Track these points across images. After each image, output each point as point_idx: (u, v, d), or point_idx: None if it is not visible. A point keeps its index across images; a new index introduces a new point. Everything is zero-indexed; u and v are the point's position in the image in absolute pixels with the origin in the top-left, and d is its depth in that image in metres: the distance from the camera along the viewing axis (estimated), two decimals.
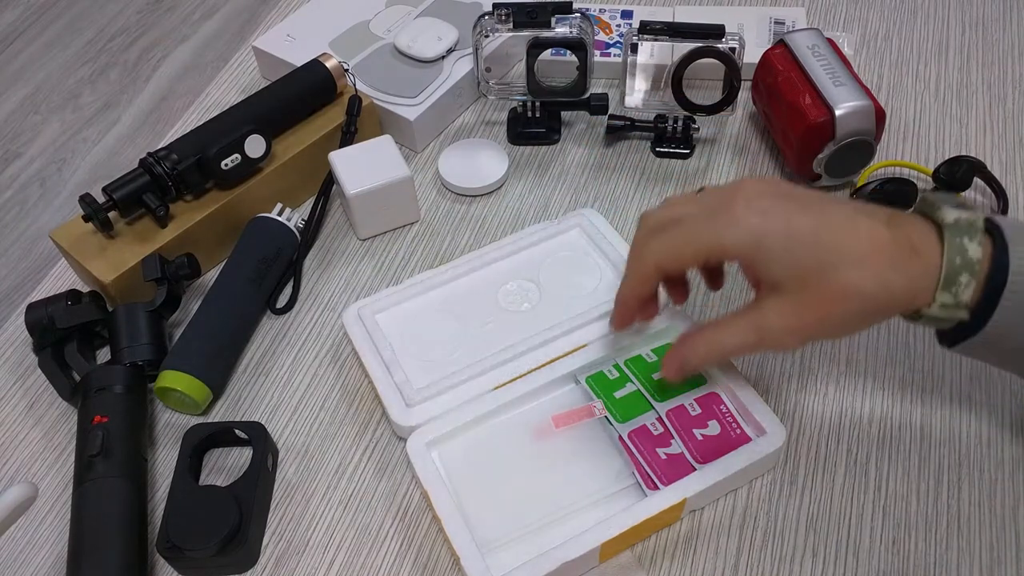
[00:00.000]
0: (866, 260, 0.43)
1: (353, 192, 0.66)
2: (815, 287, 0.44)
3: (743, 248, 0.45)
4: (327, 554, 0.53)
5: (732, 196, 0.45)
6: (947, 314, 0.44)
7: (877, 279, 0.43)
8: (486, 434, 0.55)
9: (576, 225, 0.65)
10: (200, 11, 1.97)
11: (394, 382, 0.57)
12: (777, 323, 0.46)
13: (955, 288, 0.43)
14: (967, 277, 0.43)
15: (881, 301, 0.44)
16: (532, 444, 0.54)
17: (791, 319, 0.45)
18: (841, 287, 0.44)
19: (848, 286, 0.44)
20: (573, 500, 0.52)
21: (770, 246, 0.44)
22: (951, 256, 0.43)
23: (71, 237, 0.65)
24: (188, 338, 0.61)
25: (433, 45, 0.76)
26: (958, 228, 0.43)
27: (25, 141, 1.72)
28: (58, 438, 0.60)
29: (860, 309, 0.44)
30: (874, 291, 0.44)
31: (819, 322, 0.45)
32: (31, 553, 0.55)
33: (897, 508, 0.53)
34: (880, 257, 0.43)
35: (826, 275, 0.44)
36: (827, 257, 0.44)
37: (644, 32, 0.69)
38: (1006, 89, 0.77)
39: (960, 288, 0.43)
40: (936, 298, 0.43)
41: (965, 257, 0.43)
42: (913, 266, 0.43)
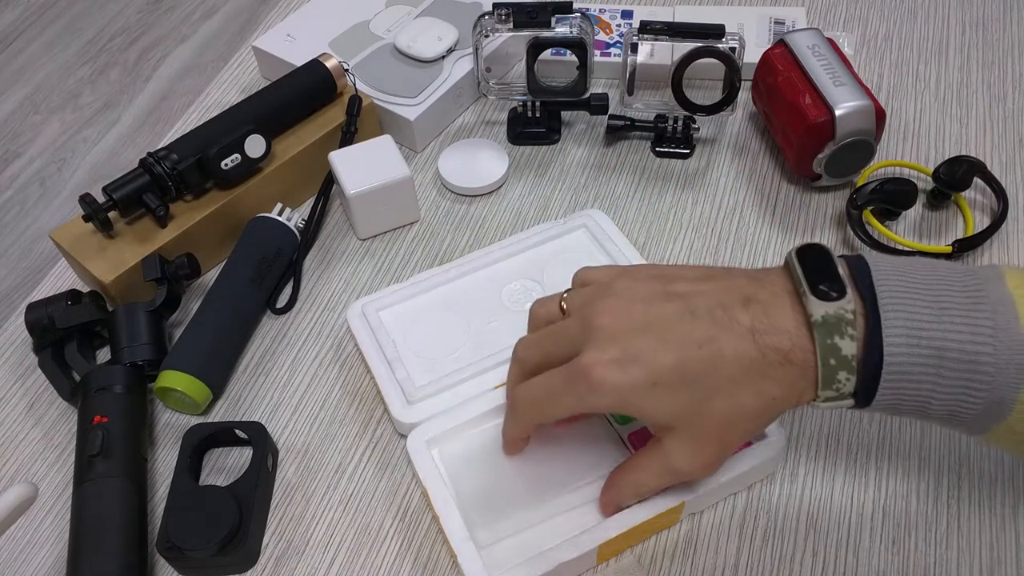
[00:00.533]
0: (740, 383, 0.42)
1: (353, 192, 0.66)
2: (702, 421, 0.44)
3: (612, 408, 0.44)
4: (327, 554, 0.53)
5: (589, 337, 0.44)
6: (832, 405, 0.43)
7: (757, 395, 0.43)
8: (486, 433, 0.55)
9: (582, 225, 0.65)
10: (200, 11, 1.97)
11: (396, 379, 0.57)
12: (685, 465, 0.46)
13: (835, 385, 0.42)
14: (845, 375, 0.41)
15: (768, 410, 0.43)
16: (532, 443, 0.54)
17: (696, 458, 0.46)
18: (725, 414, 0.43)
19: (730, 411, 0.43)
20: (573, 501, 0.52)
21: (640, 399, 0.43)
22: (825, 358, 0.41)
23: (71, 237, 0.65)
24: (188, 338, 0.61)
25: (433, 45, 0.76)
26: (827, 327, 0.41)
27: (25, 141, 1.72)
28: (58, 438, 0.60)
29: (753, 424, 0.44)
30: (760, 407, 0.43)
31: (722, 449, 0.46)
32: (31, 553, 0.55)
33: (897, 508, 0.53)
34: (754, 376, 0.42)
35: (707, 407, 0.43)
36: (700, 393, 0.43)
37: (644, 32, 0.69)
38: (1006, 89, 0.77)
39: (841, 384, 0.42)
40: (819, 395, 0.42)
41: (839, 357, 0.41)
42: (789, 374, 0.42)
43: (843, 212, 0.68)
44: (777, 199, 0.70)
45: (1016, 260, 0.65)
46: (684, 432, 0.45)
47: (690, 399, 0.43)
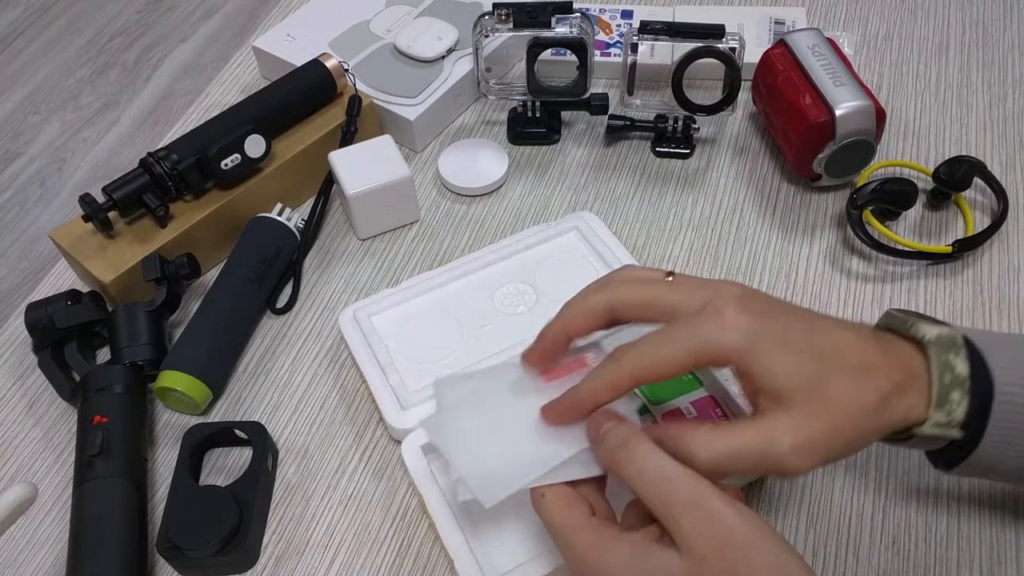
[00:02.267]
0: (865, 373, 0.41)
1: (353, 192, 0.66)
2: (820, 397, 0.40)
3: (736, 350, 0.40)
4: (327, 554, 0.53)
5: (717, 292, 0.41)
6: (940, 432, 0.42)
7: (878, 392, 0.40)
8: None
9: (573, 228, 0.65)
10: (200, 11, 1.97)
11: (389, 385, 0.57)
12: (788, 440, 0.39)
13: (948, 406, 0.41)
14: (959, 394, 0.41)
15: (881, 417, 0.41)
16: None
17: (800, 434, 0.39)
18: (846, 397, 0.40)
19: (850, 396, 0.40)
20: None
21: (767, 351, 0.40)
22: (940, 374, 0.41)
23: (71, 237, 0.65)
24: (188, 338, 0.61)
25: (433, 45, 0.76)
26: (941, 344, 0.41)
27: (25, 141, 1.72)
28: (58, 438, 0.60)
29: (871, 421, 0.40)
30: (878, 403, 0.40)
31: (828, 437, 0.40)
32: (31, 553, 0.55)
33: (897, 508, 0.53)
34: (877, 371, 0.41)
35: (828, 385, 0.40)
36: (826, 366, 0.40)
37: (644, 32, 0.69)
38: (1006, 89, 0.77)
39: (953, 406, 0.41)
40: (930, 416, 0.41)
41: (954, 374, 0.41)
42: (907, 383, 0.41)
43: (843, 212, 0.68)
44: (777, 199, 0.70)
45: (1016, 260, 0.65)
46: (796, 405, 0.39)
47: (814, 370, 0.40)
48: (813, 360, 0.40)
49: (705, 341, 0.40)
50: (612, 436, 0.41)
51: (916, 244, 0.65)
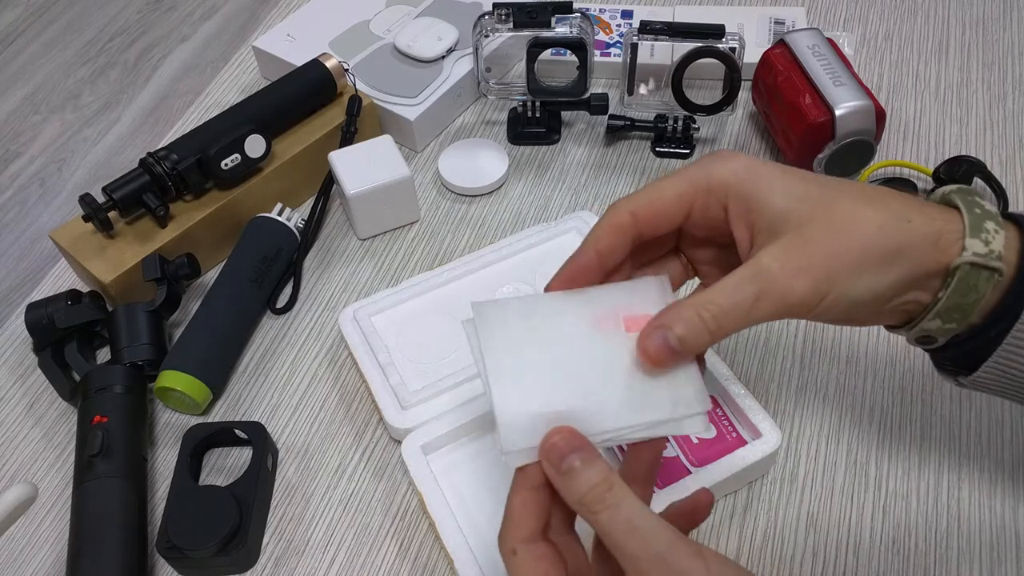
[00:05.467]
0: (874, 198, 0.38)
1: (353, 192, 0.66)
2: (818, 221, 0.37)
3: (734, 176, 0.38)
4: (327, 554, 0.53)
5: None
6: (984, 261, 0.37)
7: (892, 213, 0.37)
8: (481, 437, 0.55)
9: (573, 228, 0.65)
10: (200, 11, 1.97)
11: (389, 385, 0.57)
12: (778, 264, 0.37)
13: (984, 235, 0.37)
14: (993, 225, 0.38)
15: (901, 234, 0.37)
16: None
17: (795, 256, 0.37)
18: (853, 216, 0.37)
19: (861, 215, 0.37)
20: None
21: (768, 174, 0.38)
22: (971, 209, 0.38)
23: (71, 237, 0.65)
24: (188, 338, 0.61)
25: (433, 45, 0.76)
26: (964, 191, 0.39)
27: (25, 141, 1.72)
28: (58, 438, 0.60)
29: (879, 243, 0.37)
30: (890, 222, 0.37)
31: (828, 258, 0.37)
32: (31, 553, 0.55)
33: (897, 508, 0.53)
34: (890, 198, 0.38)
35: (833, 206, 0.37)
36: (831, 190, 0.38)
37: (644, 32, 0.69)
38: (1006, 89, 0.77)
39: (989, 235, 0.37)
40: (967, 245, 0.37)
41: (984, 209, 0.38)
42: (933, 212, 0.38)
43: None
44: None
45: None
46: (795, 229, 0.37)
47: (815, 195, 0.38)
48: (815, 185, 0.38)
49: (705, 170, 0.39)
50: (580, 480, 0.36)
51: None
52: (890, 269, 0.37)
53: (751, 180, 0.38)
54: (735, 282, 0.37)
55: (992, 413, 0.56)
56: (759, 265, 0.37)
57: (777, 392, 0.58)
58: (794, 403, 0.58)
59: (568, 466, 0.36)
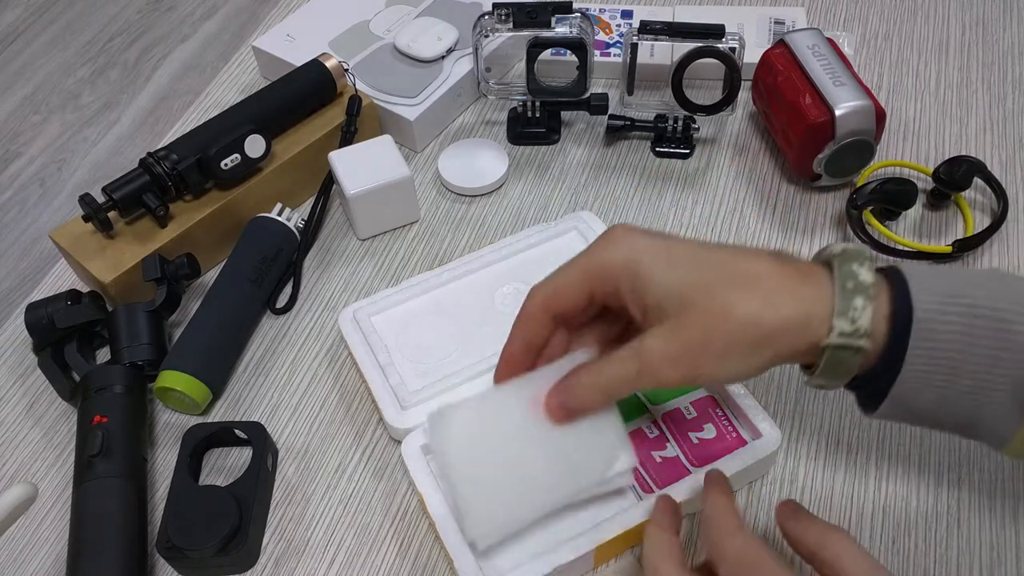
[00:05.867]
0: (749, 282, 0.41)
1: (353, 192, 0.66)
2: (697, 307, 0.41)
3: (622, 264, 0.43)
4: (327, 554, 0.53)
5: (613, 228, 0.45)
6: (846, 342, 0.40)
7: (763, 301, 0.40)
8: None
9: (573, 228, 0.65)
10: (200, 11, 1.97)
11: (389, 385, 0.57)
12: (657, 348, 0.42)
13: (851, 313, 0.40)
14: (862, 301, 0.40)
15: (771, 325, 0.40)
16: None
17: (672, 343, 0.41)
18: (724, 306, 0.40)
19: (732, 305, 0.40)
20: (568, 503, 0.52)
21: (650, 262, 0.42)
22: (843, 280, 0.40)
23: (71, 237, 0.65)
24: (188, 338, 0.61)
25: (433, 45, 0.76)
26: (847, 256, 0.41)
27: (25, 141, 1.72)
28: (58, 438, 0.60)
29: (747, 333, 0.40)
30: (759, 312, 0.40)
31: (702, 347, 0.41)
32: (31, 553, 0.55)
33: (897, 508, 0.53)
34: (765, 281, 0.41)
35: (708, 294, 0.41)
36: (708, 275, 0.41)
37: (644, 32, 0.69)
38: (1006, 89, 0.77)
39: (856, 313, 0.40)
40: (834, 325, 0.40)
41: (857, 281, 0.40)
42: (803, 291, 0.41)
43: (843, 212, 0.68)
44: (777, 199, 0.70)
45: (1016, 260, 0.65)
46: (672, 318, 0.41)
47: (694, 281, 0.41)
48: (694, 270, 0.42)
49: (596, 259, 0.44)
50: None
51: (916, 244, 0.65)
52: (757, 355, 0.41)
53: (635, 269, 0.42)
54: (623, 357, 0.43)
55: None
56: (641, 347, 0.42)
57: (777, 392, 0.58)
58: (794, 403, 0.58)
59: None
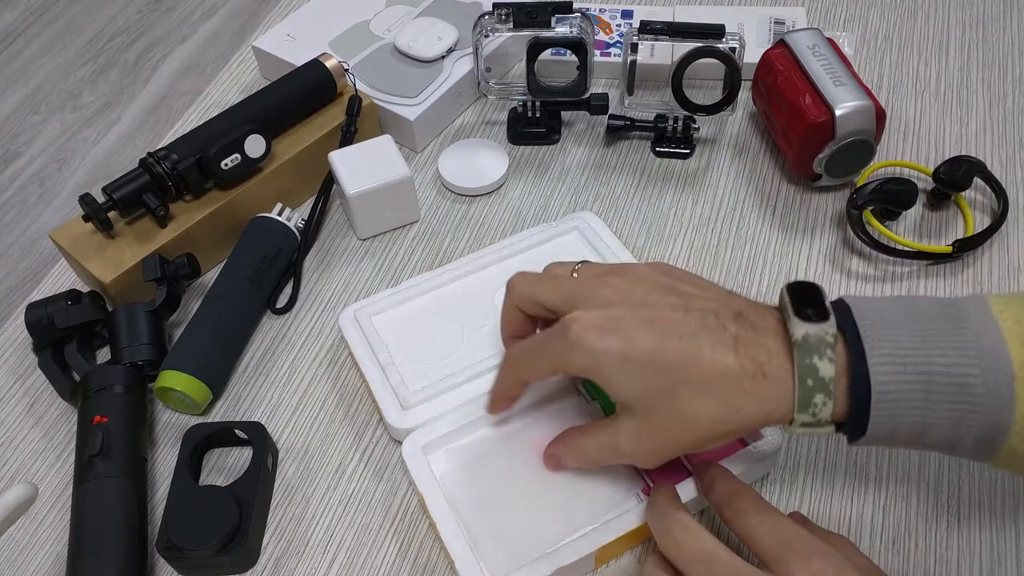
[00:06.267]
0: (710, 385, 0.42)
1: (353, 192, 0.66)
2: (660, 411, 0.43)
3: (582, 370, 0.45)
4: (327, 554, 0.53)
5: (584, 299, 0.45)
6: (810, 431, 0.42)
7: (724, 404, 0.42)
8: (482, 437, 0.55)
9: (574, 228, 0.65)
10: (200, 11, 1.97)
11: (390, 385, 0.57)
12: (630, 447, 0.45)
13: (812, 408, 0.41)
14: (822, 398, 0.41)
15: (732, 423, 0.42)
16: (528, 449, 0.54)
17: (643, 443, 0.45)
18: (686, 412, 0.43)
19: (692, 411, 0.43)
20: (571, 503, 0.52)
21: (609, 369, 0.43)
22: (802, 377, 0.41)
23: (71, 237, 0.65)
24: (188, 338, 0.61)
25: (433, 45, 0.76)
26: (807, 347, 0.41)
27: (25, 141, 1.72)
28: (58, 438, 0.60)
29: (711, 431, 0.43)
30: (722, 415, 0.42)
31: (672, 444, 0.44)
32: (31, 553, 0.55)
33: (897, 508, 0.53)
34: (724, 383, 0.42)
35: (670, 399, 0.43)
36: (668, 381, 0.43)
37: (644, 32, 0.69)
38: (1006, 89, 0.77)
39: (817, 408, 0.41)
40: (795, 418, 0.42)
41: (816, 378, 0.41)
42: (762, 391, 0.42)
43: (843, 212, 0.68)
44: (777, 199, 0.70)
45: (1016, 260, 0.65)
46: (640, 416, 0.44)
47: (656, 385, 0.43)
48: (655, 376, 0.43)
49: (559, 359, 0.46)
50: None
51: (916, 244, 0.65)
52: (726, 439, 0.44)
53: (597, 375, 0.44)
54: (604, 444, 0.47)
55: None
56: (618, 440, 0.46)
57: None
58: None
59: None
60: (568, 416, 0.55)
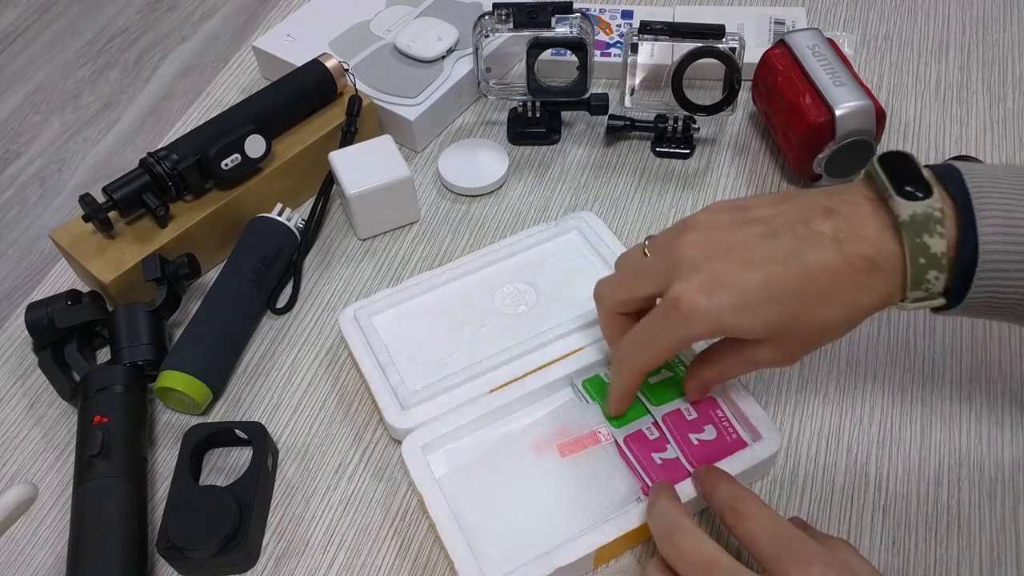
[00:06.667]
0: (828, 295, 0.43)
1: (353, 192, 0.66)
2: (791, 334, 0.45)
3: (706, 333, 0.45)
4: (327, 554, 0.53)
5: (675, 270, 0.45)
6: (923, 305, 0.44)
7: (844, 306, 0.43)
8: (481, 437, 0.55)
9: (574, 228, 0.65)
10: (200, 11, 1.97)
11: (389, 385, 0.57)
12: (768, 358, 0.47)
13: (925, 285, 0.42)
14: (935, 273, 0.42)
15: (858, 316, 0.44)
16: (528, 449, 0.54)
17: (779, 354, 0.47)
18: (815, 325, 0.44)
19: (820, 323, 0.44)
20: (570, 503, 0.52)
21: (730, 321, 0.44)
22: (914, 258, 0.41)
23: (71, 237, 0.65)
24: (188, 338, 0.61)
25: (433, 45, 0.76)
26: (915, 226, 0.41)
27: (25, 141, 1.72)
28: (58, 438, 0.60)
29: (841, 330, 0.45)
30: (847, 315, 0.44)
31: (805, 349, 0.47)
32: (31, 553, 0.55)
33: (897, 508, 0.53)
34: (841, 287, 0.43)
35: (796, 321, 0.44)
36: (788, 308, 0.44)
37: (644, 32, 0.69)
38: (1006, 89, 0.77)
39: (930, 284, 0.42)
40: (908, 296, 0.43)
41: (928, 255, 0.41)
42: (878, 282, 0.43)
43: None
44: None
45: None
46: (774, 343, 0.46)
47: (780, 314, 0.44)
48: (775, 308, 0.44)
49: (680, 335, 0.46)
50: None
51: None
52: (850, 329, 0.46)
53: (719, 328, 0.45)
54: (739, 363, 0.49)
55: (992, 414, 0.57)
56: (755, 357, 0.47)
57: (777, 392, 0.58)
58: (794, 403, 0.58)
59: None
60: (567, 416, 0.55)
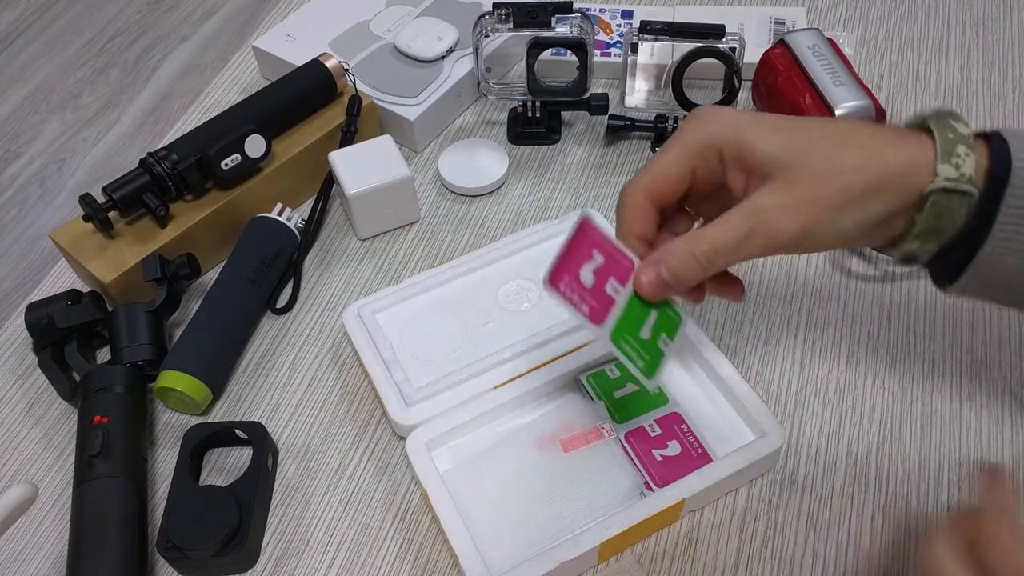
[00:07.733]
0: (848, 138, 0.43)
1: (353, 192, 0.66)
2: (803, 165, 0.42)
3: (725, 135, 0.43)
4: (327, 554, 0.53)
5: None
6: (954, 186, 0.41)
7: (864, 151, 0.42)
8: (485, 433, 0.55)
9: None
10: (200, 11, 1.97)
11: (394, 381, 0.57)
12: (771, 201, 0.42)
13: (955, 160, 0.41)
14: (964, 148, 0.41)
15: (875, 173, 0.42)
16: (531, 444, 0.54)
17: (786, 196, 0.42)
18: (829, 160, 0.42)
19: (836, 159, 0.42)
20: (573, 499, 0.52)
21: (752, 130, 0.43)
22: (943, 133, 0.42)
23: (71, 237, 0.65)
24: (188, 338, 0.61)
25: (433, 45, 0.76)
26: (942, 113, 0.43)
27: (25, 141, 1.72)
28: (58, 438, 0.60)
29: (854, 184, 0.42)
30: (865, 162, 0.42)
31: (814, 200, 0.42)
32: (31, 553, 0.55)
33: (897, 508, 0.53)
34: (862, 135, 0.43)
35: (812, 152, 0.42)
36: (810, 136, 0.43)
37: (644, 32, 0.69)
38: (1006, 89, 0.77)
39: (960, 159, 0.41)
40: (938, 171, 0.41)
41: (956, 132, 0.42)
42: (903, 142, 0.43)
43: None
44: None
45: None
46: (781, 173, 0.42)
47: (799, 143, 0.43)
48: (795, 133, 0.43)
49: (697, 135, 0.44)
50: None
51: None
52: (869, 205, 0.42)
53: (740, 136, 0.43)
54: (728, 219, 0.43)
55: (992, 413, 0.57)
56: (753, 204, 0.43)
57: (777, 392, 0.58)
58: (794, 403, 0.58)
59: None
60: (571, 413, 0.55)
